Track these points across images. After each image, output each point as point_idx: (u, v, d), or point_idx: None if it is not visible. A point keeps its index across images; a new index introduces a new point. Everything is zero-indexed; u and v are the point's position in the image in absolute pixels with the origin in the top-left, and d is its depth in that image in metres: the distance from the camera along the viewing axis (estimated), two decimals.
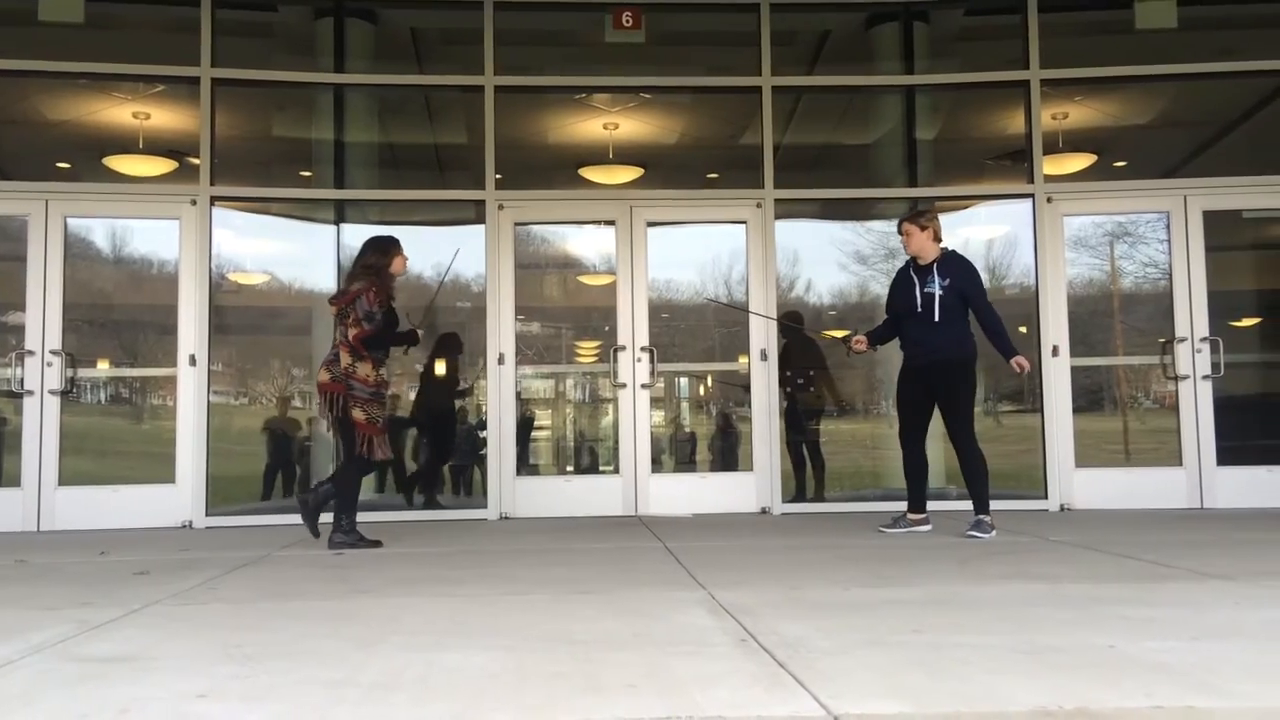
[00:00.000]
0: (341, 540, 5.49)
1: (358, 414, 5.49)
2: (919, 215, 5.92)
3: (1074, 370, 7.58)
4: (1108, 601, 3.45)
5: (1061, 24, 7.86)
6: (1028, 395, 8.06)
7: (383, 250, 5.70)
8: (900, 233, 5.93)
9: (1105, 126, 8.70)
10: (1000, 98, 8.27)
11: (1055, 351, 7.51)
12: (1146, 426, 8.37)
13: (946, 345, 5.70)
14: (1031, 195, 7.68)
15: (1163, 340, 7.64)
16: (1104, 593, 3.68)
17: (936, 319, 5.69)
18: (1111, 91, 8.40)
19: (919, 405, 5.85)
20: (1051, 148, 8.00)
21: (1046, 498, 7.36)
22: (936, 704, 2.16)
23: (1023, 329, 8.20)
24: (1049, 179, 7.77)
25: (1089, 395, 8.12)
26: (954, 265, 5.80)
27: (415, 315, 5.89)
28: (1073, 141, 8.35)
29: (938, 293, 5.69)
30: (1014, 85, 7.82)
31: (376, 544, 5.56)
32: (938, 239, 5.84)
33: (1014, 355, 5.77)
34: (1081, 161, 8.48)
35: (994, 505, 6.22)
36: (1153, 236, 8.06)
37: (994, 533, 5.56)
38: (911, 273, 5.87)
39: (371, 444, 5.50)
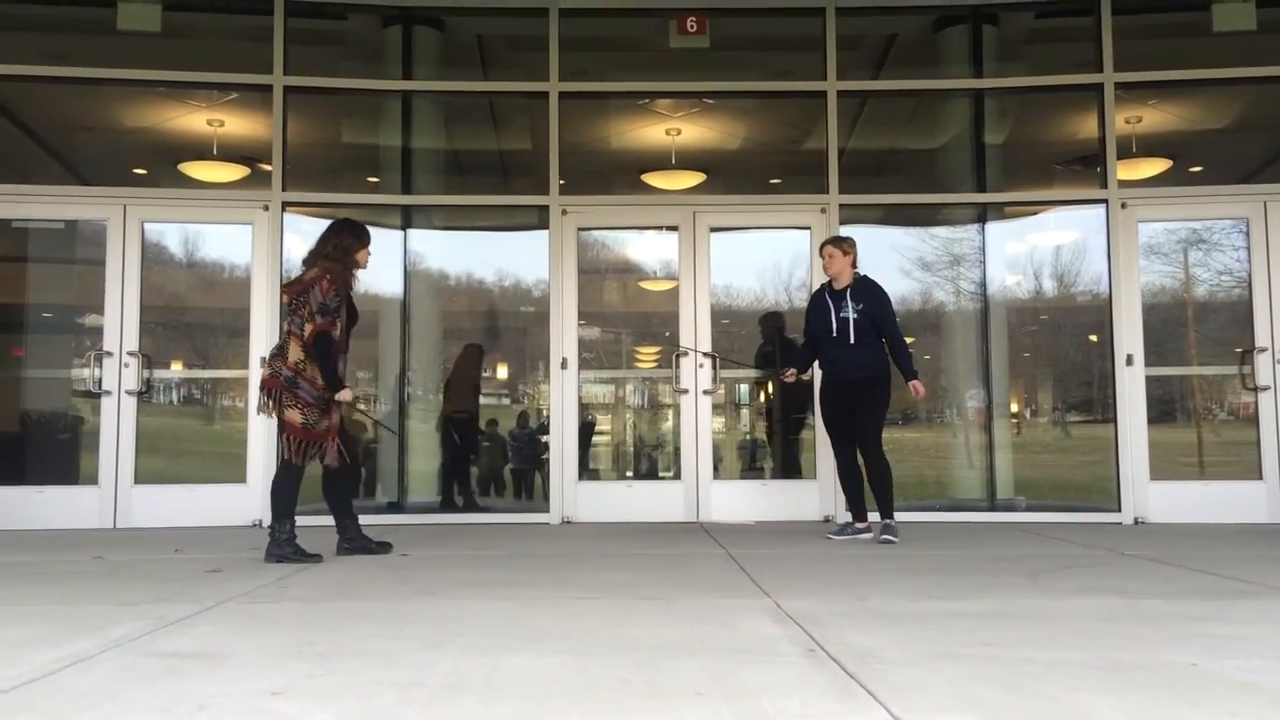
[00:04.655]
0: (278, 553, 4.92)
1: (293, 415, 4.94)
2: (841, 240, 6.18)
3: (1146, 380, 7.40)
4: (1186, 618, 3.36)
5: (1136, 26, 7.69)
6: (1099, 405, 7.89)
7: (356, 234, 5.18)
8: (822, 255, 6.18)
9: (1181, 130, 8.49)
10: (1072, 101, 8.10)
11: (1130, 360, 7.33)
12: (1222, 439, 8.14)
13: (861, 365, 5.93)
14: (1105, 201, 7.52)
15: (1240, 350, 7.43)
16: (1182, 609, 3.58)
17: (851, 341, 5.93)
18: (1187, 95, 8.20)
19: (839, 421, 6.05)
20: (1125, 152, 7.82)
21: (1120, 510, 7.18)
22: (1013, 719, 2.12)
23: (1094, 337, 8.03)
24: (1123, 184, 7.60)
25: (1161, 405, 7.92)
26: (867, 290, 6.04)
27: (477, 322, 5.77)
28: (1147, 146, 8.16)
29: (852, 316, 5.94)
30: (1086, 89, 7.67)
31: (316, 558, 4.95)
32: (855, 265, 6.10)
33: (913, 378, 5.94)
34: (1156, 166, 8.28)
35: (1064, 518, 6.11)
36: (1228, 243, 7.84)
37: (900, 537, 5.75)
38: (827, 296, 6.10)
39: (304, 450, 4.95)
